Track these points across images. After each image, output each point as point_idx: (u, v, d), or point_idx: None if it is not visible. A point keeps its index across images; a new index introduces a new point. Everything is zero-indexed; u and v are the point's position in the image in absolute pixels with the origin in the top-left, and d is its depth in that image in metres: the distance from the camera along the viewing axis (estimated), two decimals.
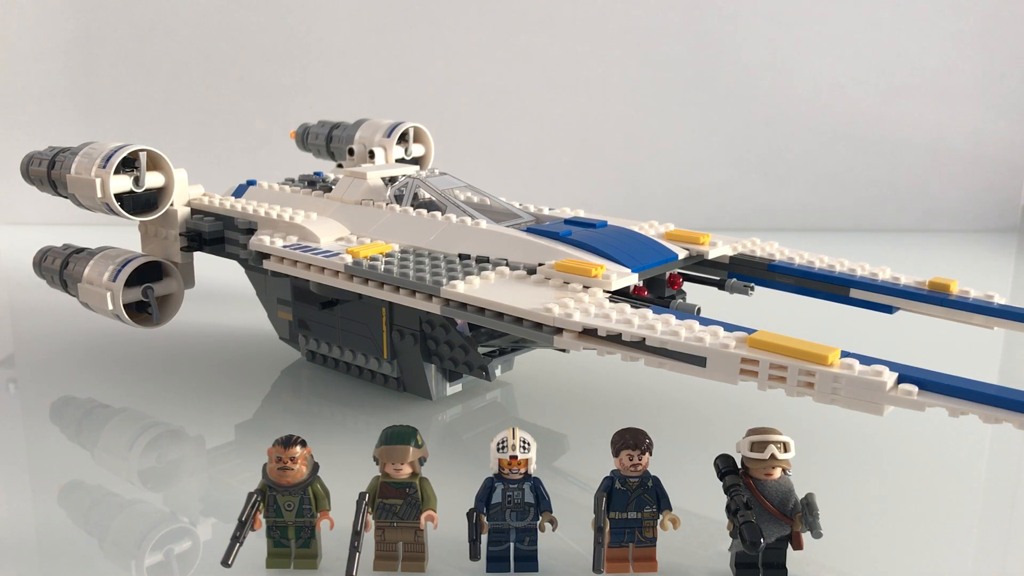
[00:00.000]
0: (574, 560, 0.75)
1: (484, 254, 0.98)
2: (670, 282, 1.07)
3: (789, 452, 0.69)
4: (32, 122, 2.20)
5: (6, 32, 2.15)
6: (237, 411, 1.09)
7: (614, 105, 2.24)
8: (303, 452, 0.71)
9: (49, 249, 1.23)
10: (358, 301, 1.06)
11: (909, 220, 2.28)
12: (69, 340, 1.35)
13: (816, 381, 0.69)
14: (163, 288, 1.15)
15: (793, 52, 2.19)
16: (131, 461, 0.97)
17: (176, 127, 2.21)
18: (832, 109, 2.23)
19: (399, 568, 0.73)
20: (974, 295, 0.94)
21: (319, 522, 0.73)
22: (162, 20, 2.16)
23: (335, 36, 2.18)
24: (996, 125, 2.24)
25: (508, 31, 2.19)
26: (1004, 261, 2.03)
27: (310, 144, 1.50)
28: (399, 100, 2.20)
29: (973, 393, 0.66)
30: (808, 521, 0.68)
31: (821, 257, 1.04)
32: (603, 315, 0.80)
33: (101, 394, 1.15)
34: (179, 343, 1.32)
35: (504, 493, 0.72)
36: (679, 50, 2.20)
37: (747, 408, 1.05)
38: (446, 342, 1.02)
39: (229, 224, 1.14)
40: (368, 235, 1.08)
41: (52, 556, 0.79)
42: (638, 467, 0.71)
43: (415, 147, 1.41)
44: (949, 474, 0.93)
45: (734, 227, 2.15)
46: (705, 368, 0.74)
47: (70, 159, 1.10)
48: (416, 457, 0.72)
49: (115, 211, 1.08)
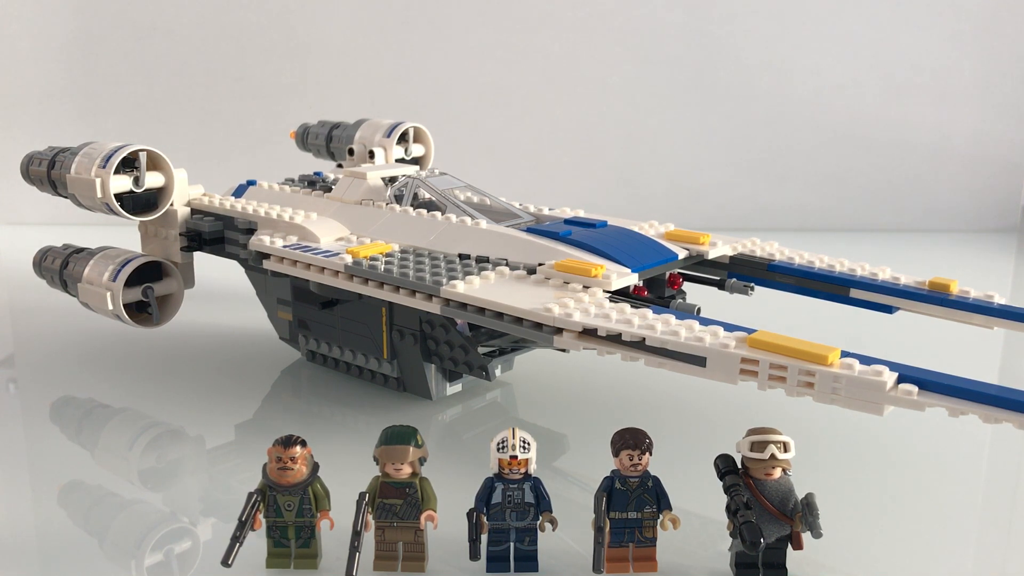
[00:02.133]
0: (574, 560, 0.75)
1: (484, 254, 0.98)
2: (670, 282, 1.07)
3: (789, 452, 0.69)
4: (32, 122, 2.19)
5: (6, 32, 2.15)
6: (237, 411, 1.09)
7: (614, 105, 2.24)
8: (303, 452, 0.71)
9: (49, 249, 1.23)
10: (358, 301, 1.06)
11: (909, 220, 2.28)
12: (69, 340, 1.34)
13: (816, 381, 0.69)
14: (163, 288, 1.15)
15: (793, 52, 2.19)
16: (131, 461, 0.97)
17: (176, 127, 2.21)
18: (832, 109, 2.23)
19: (399, 568, 0.73)
20: (974, 295, 0.94)
21: (319, 522, 0.73)
22: (162, 20, 2.16)
23: (335, 36, 2.18)
24: (996, 125, 2.23)
25: (508, 31, 2.19)
26: (1004, 261, 2.02)
27: (310, 144, 1.50)
28: (399, 100, 2.20)
29: (973, 393, 0.65)
30: (808, 521, 0.68)
31: (821, 257, 1.04)
32: (603, 315, 0.80)
33: (101, 394, 1.15)
34: (179, 343, 1.32)
35: (504, 493, 0.72)
36: (679, 50, 2.20)
37: (747, 408, 1.05)
38: (446, 342, 1.02)
39: (229, 224, 1.14)
40: (368, 235, 1.08)
41: (52, 556, 0.79)
42: (638, 467, 0.71)
43: (415, 147, 1.41)
44: (949, 474, 0.93)
45: (734, 227, 2.15)
46: (705, 368, 0.74)
47: (70, 159, 1.10)
48: (416, 457, 0.72)
49: (115, 211, 1.08)
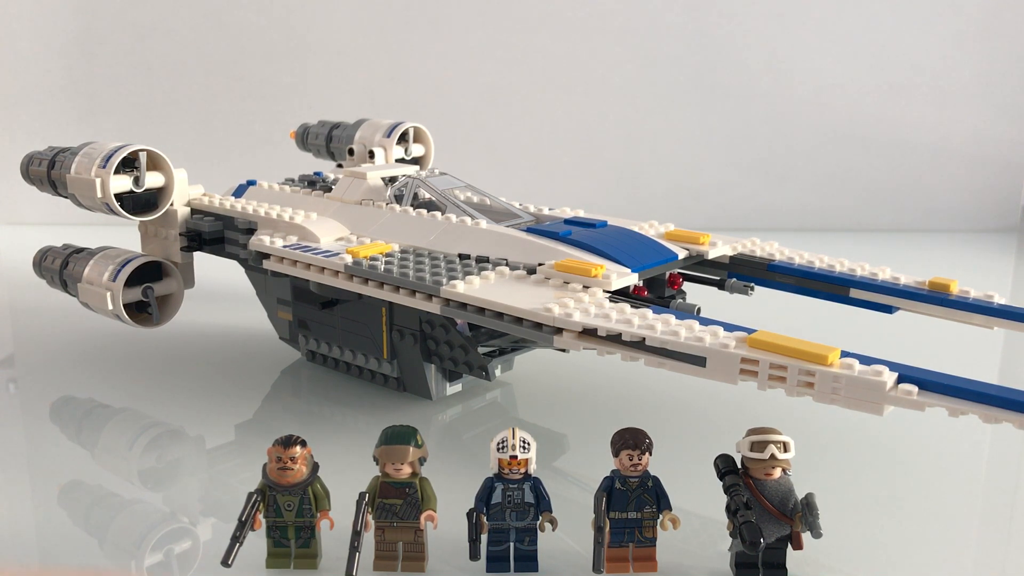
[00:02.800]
0: (574, 560, 0.75)
1: (484, 254, 0.98)
2: (670, 282, 1.07)
3: (789, 452, 0.69)
4: (32, 122, 2.19)
5: (6, 32, 2.14)
6: (237, 411, 1.09)
7: (614, 105, 2.24)
8: (303, 452, 0.71)
9: (49, 249, 1.22)
10: (358, 301, 1.06)
11: (909, 220, 2.28)
12: (69, 340, 1.34)
13: (816, 381, 0.69)
14: (163, 288, 1.15)
15: (793, 52, 2.19)
16: (131, 461, 0.97)
17: (176, 127, 2.21)
18: (832, 109, 2.23)
19: (399, 568, 0.73)
20: (974, 295, 0.94)
21: (319, 522, 0.73)
22: (162, 20, 2.16)
23: (335, 36, 2.18)
24: (996, 125, 2.23)
25: (508, 31, 2.19)
26: (1004, 261, 2.02)
27: (310, 144, 1.50)
28: (399, 100, 2.20)
29: (973, 393, 0.65)
30: (808, 521, 0.68)
31: (821, 257, 1.04)
32: (603, 315, 0.80)
33: (101, 394, 1.15)
34: (179, 343, 1.32)
35: (504, 493, 0.72)
36: (679, 50, 2.20)
37: (747, 408, 1.05)
38: (446, 342, 1.02)
39: (229, 224, 1.14)
40: (368, 235, 1.08)
41: (52, 556, 0.79)
42: (638, 467, 0.71)
43: (415, 147, 1.41)
44: (949, 474, 0.93)
45: (734, 227, 2.15)
46: (705, 368, 0.74)
47: (70, 159, 1.10)
48: (416, 457, 0.72)
49: (115, 211, 1.08)
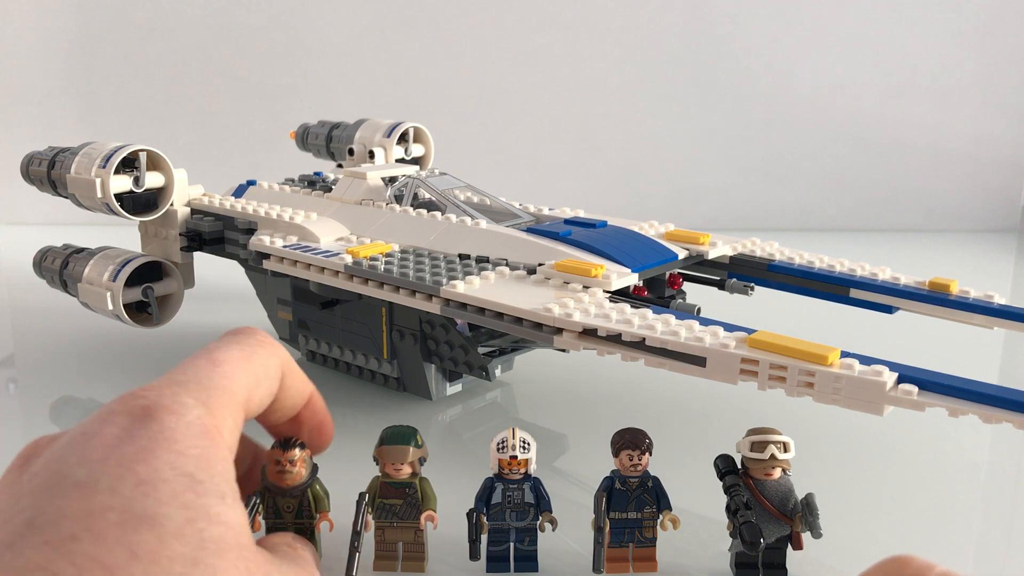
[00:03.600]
0: (574, 560, 0.75)
1: (484, 254, 0.98)
2: (670, 282, 1.07)
3: (789, 452, 0.69)
4: (32, 122, 2.20)
5: (6, 32, 2.15)
6: None
7: (614, 105, 2.24)
8: (302, 454, 0.71)
9: (49, 249, 1.22)
10: (358, 301, 1.06)
11: (909, 220, 2.28)
12: (69, 340, 1.34)
13: (816, 381, 0.69)
14: (163, 288, 1.15)
15: (793, 52, 2.19)
16: None
17: (176, 127, 2.21)
18: (832, 109, 2.23)
19: (399, 568, 0.73)
20: (974, 295, 0.94)
21: (319, 523, 0.73)
22: (162, 20, 2.16)
23: (335, 36, 2.18)
24: (996, 125, 2.24)
25: (508, 31, 2.19)
26: (1004, 261, 2.03)
27: (310, 144, 1.50)
28: (399, 100, 2.20)
29: (973, 393, 0.65)
30: (808, 521, 0.68)
31: (821, 257, 1.04)
32: (603, 315, 0.80)
33: (101, 394, 1.15)
34: (179, 343, 1.32)
35: (504, 493, 0.72)
36: (679, 50, 2.20)
37: (747, 408, 1.05)
38: (446, 342, 1.02)
39: (229, 224, 1.14)
40: (368, 235, 1.08)
41: None
42: (638, 467, 0.71)
43: (415, 147, 1.41)
44: (949, 474, 0.93)
45: (734, 227, 2.15)
46: (705, 368, 0.74)
47: (70, 159, 1.10)
48: (416, 457, 0.72)
49: (115, 211, 1.08)
